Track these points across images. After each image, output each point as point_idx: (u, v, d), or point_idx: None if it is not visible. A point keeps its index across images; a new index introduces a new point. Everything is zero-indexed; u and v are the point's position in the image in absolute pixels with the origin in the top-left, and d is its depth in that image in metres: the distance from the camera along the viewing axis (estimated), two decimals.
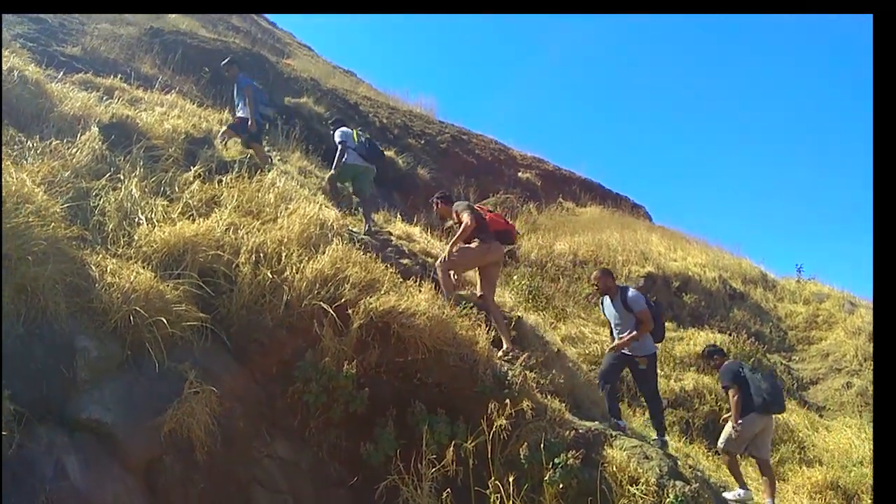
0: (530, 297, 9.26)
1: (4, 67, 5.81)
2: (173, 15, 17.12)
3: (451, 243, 6.12)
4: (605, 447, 5.19)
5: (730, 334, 11.92)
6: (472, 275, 6.75)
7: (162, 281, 4.31)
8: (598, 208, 17.68)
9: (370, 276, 5.35)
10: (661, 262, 13.88)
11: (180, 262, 4.60)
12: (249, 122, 8.50)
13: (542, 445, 4.67)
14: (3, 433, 3.16)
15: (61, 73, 7.70)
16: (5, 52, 6.26)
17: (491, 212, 6.50)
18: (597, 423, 5.67)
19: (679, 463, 5.50)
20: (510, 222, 6.77)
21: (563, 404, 5.58)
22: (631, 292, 6.47)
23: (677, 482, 4.89)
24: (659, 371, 9.57)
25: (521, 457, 4.60)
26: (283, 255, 5.15)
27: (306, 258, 5.19)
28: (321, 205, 6.59)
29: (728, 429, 6.69)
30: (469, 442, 4.48)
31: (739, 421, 6.48)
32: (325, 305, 4.83)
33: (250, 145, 8.58)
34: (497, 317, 6.07)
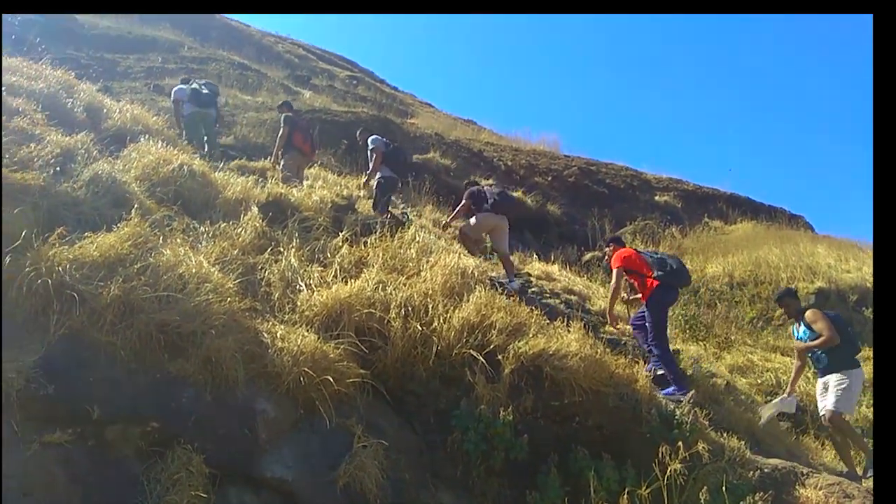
0: (687, 326, 8.66)
1: (175, 164, 6.52)
2: (308, 94, 18.77)
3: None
4: (797, 487, 4.67)
5: None
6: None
7: (324, 342, 4.58)
8: (750, 224, 16.33)
9: (516, 319, 5.32)
10: (833, 275, 12.44)
11: (338, 323, 4.86)
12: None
13: (724, 489, 4.29)
14: (202, 495, 3.46)
15: (221, 162, 8.64)
16: (173, 150, 6.98)
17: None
18: (782, 459, 5.12)
19: None
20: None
21: (742, 442, 5.12)
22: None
23: None
24: None
25: (702, 502, 4.23)
26: (430, 306, 5.28)
27: (451, 308, 5.28)
28: (459, 254, 6.73)
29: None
30: (643, 488, 4.21)
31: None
32: (474, 353, 4.86)
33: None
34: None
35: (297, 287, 5.16)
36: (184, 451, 3.58)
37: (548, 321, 5.60)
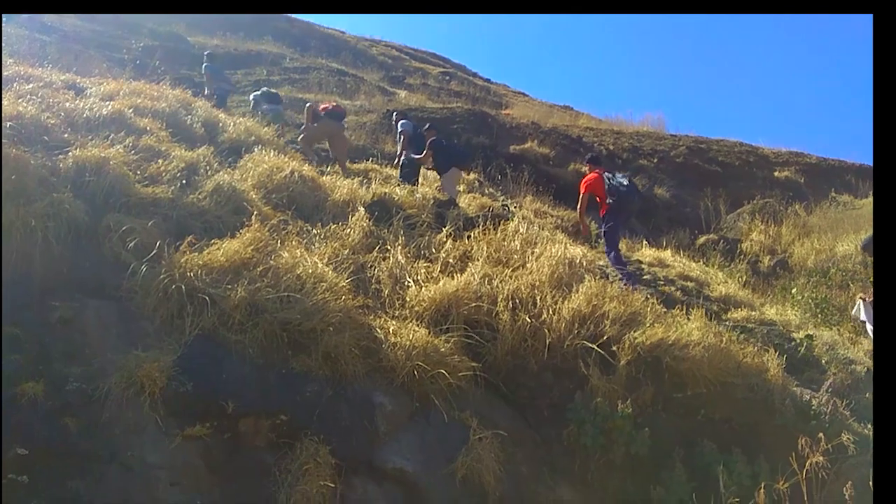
0: (818, 311, 7.97)
1: (287, 171, 6.82)
2: (403, 93, 19.13)
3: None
4: None
5: None
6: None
7: (435, 336, 4.64)
8: None
9: (630, 309, 5.15)
10: None
11: (447, 317, 4.91)
12: None
13: (871, 483, 3.90)
14: (330, 484, 3.61)
15: (327, 165, 8.97)
16: (284, 158, 7.28)
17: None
18: None
19: None
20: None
21: None
22: None
23: None
24: None
25: (847, 497, 3.88)
26: (538, 298, 5.21)
27: (560, 299, 5.18)
28: (565, 244, 6.58)
29: None
30: (780, 483, 3.92)
31: None
32: (589, 344, 4.74)
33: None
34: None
35: (406, 283, 5.25)
36: (310, 443, 3.74)
37: (664, 310, 5.36)
